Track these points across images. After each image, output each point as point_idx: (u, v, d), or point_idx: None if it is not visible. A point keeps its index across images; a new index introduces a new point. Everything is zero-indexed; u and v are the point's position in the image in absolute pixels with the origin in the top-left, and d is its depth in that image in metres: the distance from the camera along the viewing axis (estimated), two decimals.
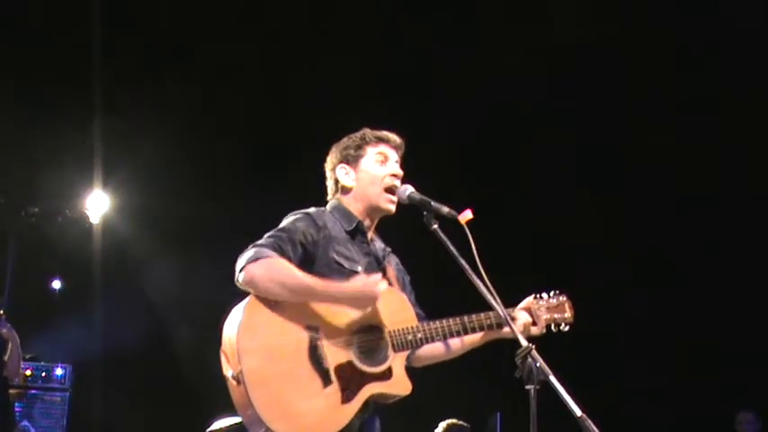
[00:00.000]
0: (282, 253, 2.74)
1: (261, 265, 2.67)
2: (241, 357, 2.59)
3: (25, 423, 7.43)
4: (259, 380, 2.59)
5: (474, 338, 3.05)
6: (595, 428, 2.29)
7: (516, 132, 8.44)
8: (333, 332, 2.72)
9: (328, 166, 3.09)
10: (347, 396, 2.68)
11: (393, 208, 3.00)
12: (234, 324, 2.67)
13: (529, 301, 3.12)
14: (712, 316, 8.49)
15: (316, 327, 2.71)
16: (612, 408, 7.38)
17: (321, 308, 2.73)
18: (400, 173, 3.01)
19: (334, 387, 2.67)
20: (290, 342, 2.67)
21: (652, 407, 8.79)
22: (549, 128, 8.35)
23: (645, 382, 8.78)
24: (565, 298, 3.16)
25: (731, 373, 8.32)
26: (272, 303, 2.69)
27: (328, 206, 3.04)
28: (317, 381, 2.65)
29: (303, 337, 2.68)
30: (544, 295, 3.14)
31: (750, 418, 7.09)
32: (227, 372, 2.66)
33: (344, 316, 2.75)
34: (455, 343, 3.06)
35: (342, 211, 2.99)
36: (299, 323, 2.69)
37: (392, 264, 3.10)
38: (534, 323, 3.08)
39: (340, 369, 2.69)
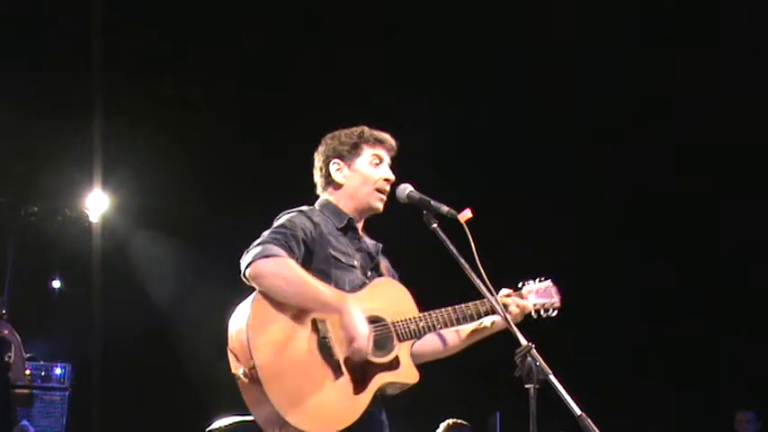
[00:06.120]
0: (290, 250, 2.74)
1: (271, 263, 2.67)
2: (253, 353, 2.57)
3: (25, 422, 7.42)
4: (273, 375, 2.58)
5: (468, 333, 3.06)
6: (595, 427, 2.29)
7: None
8: (340, 324, 2.72)
9: (320, 156, 3.07)
10: (359, 387, 2.69)
11: (382, 206, 3.02)
12: (242, 320, 2.65)
13: (507, 292, 3.09)
14: (712, 315, 8.51)
15: (323, 319, 2.71)
16: (611, 406, 7.39)
17: None
18: (393, 178, 3.02)
19: (346, 378, 2.68)
20: (300, 335, 2.67)
21: (652, 406, 8.79)
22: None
23: (645, 382, 8.78)
24: (551, 283, 3.15)
25: (731, 372, 8.33)
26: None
27: (317, 204, 3.04)
28: (328, 373, 2.66)
29: (312, 330, 2.69)
30: (530, 281, 3.15)
31: (749, 417, 7.08)
32: (238, 370, 2.63)
33: None
34: (452, 339, 3.07)
35: (332, 209, 3.00)
36: (306, 316, 2.70)
37: (383, 261, 3.11)
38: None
39: (350, 360, 2.70)
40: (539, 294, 3.11)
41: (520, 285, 3.13)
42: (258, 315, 2.65)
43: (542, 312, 3.11)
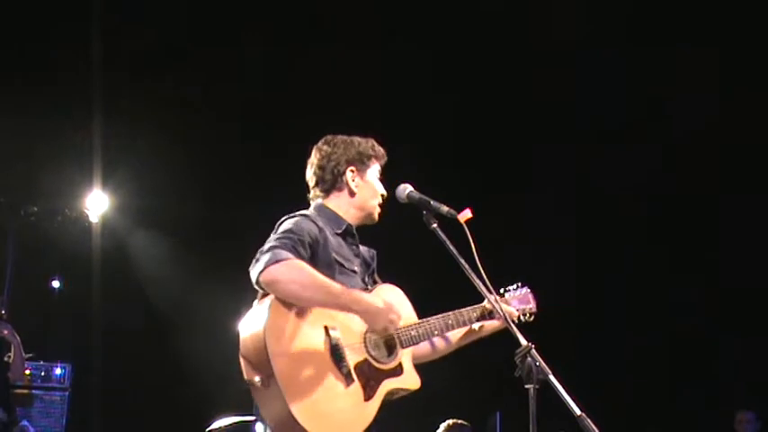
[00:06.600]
0: (299, 255, 2.72)
1: (284, 267, 2.64)
2: (272, 359, 2.55)
3: (24, 422, 7.42)
4: (292, 382, 2.57)
5: (458, 337, 3.14)
6: (594, 427, 2.29)
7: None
8: (349, 332, 2.75)
9: (328, 158, 3.01)
10: (368, 393, 2.72)
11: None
12: (258, 327, 2.62)
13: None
14: (712, 315, 8.50)
15: (334, 327, 2.72)
16: (611, 407, 7.39)
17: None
18: (385, 195, 3.06)
19: (356, 386, 2.70)
20: (314, 343, 2.68)
21: (652, 406, 8.79)
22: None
23: (645, 382, 8.78)
24: (527, 289, 3.30)
25: (731, 372, 8.33)
26: (292, 305, 2.68)
27: (312, 209, 3.01)
28: (341, 380, 2.67)
29: (324, 337, 2.70)
30: (510, 288, 3.28)
31: (749, 417, 7.08)
32: (254, 377, 2.61)
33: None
34: (443, 343, 3.14)
35: (329, 214, 2.98)
36: (319, 324, 2.70)
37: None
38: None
39: (359, 367, 2.72)
40: (520, 300, 3.26)
41: (502, 291, 3.25)
42: (275, 321, 2.62)
43: (521, 317, 3.24)
